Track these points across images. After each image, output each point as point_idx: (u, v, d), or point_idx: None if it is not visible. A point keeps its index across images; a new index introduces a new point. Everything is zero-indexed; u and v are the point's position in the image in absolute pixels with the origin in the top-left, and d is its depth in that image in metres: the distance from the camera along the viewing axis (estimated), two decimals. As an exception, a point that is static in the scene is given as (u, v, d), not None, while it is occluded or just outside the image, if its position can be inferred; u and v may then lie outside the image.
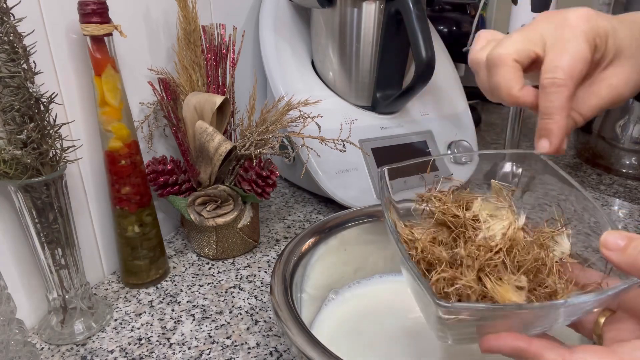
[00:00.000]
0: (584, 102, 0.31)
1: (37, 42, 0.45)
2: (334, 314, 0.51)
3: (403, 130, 0.77)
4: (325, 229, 0.52)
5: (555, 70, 0.29)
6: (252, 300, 0.57)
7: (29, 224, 0.47)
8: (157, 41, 0.63)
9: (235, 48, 0.64)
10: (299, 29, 0.80)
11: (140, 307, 0.56)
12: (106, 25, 0.49)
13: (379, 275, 0.56)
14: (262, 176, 0.62)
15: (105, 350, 0.50)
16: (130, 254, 0.58)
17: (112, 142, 0.53)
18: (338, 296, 0.53)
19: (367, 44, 0.72)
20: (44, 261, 0.48)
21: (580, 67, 0.29)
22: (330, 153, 0.67)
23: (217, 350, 0.50)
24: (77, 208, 0.55)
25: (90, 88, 0.53)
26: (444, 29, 0.96)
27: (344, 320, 0.50)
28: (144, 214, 0.57)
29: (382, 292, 0.53)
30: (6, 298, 0.42)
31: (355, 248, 0.55)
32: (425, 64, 0.66)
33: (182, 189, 0.63)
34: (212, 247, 0.64)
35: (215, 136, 0.58)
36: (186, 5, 0.59)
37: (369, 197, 0.71)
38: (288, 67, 0.76)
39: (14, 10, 0.42)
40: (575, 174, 0.92)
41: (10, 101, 0.42)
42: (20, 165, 0.44)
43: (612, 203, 0.81)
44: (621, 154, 0.90)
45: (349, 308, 0.52)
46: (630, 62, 0.30)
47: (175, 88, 0.62)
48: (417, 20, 0.65)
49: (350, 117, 0.74)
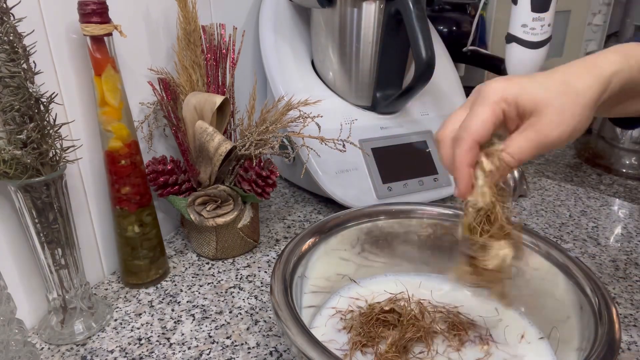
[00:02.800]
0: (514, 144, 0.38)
1: (37, 42, 0.45)
2: (334, 318, 0.51)
3: (403, 130, 0.77)
4: (325, 229, 0.52)
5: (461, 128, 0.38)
6: (252, 300, 0.57)
7: (29, 224, 0.47)
8: (157, 41, 0.63)
9: (235, 48, 0.64)
10: (299, 29, 0.80)
11: (140, 307, 0.56)
12: (106, 25, 0.49)
13: (379, 275, 0.56)
14: (262, 176, 0.62)
15: (105, 350, 0.50)
16: (130, 254, 0.58)
17: (112, 142, 0.53)
18: (338, 296, 0.53)
19: (367, 44, 0.72)
20: (44, 261, 0.48)
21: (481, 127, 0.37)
22: (330, 153, 0.67)
23: (217, 350, 0.50)
24: (77, 208, 0.55)
25: (90, 88, 0.53)
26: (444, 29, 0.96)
27: (344, 320, 0.50)
28: (144, 214, 0.57)
29: (382, 292, 0.53)
30: (6, 298, 0.42)
31: (355, 248, 0.55)
32: (425, 64, 0.66)
33: (182, 189, 0.63)
34: (212, 247, 0.64)
35: (215, 136, 0.58)
36: (186, 5, 0.59)
37: (369, 197, 0.71)
38: (288, 67, 0.76)
39: (14, 10, 0.42)
40: (575, 174, 0.92)
41: (10, 101, 0.42)
42: (20, 165, 0.44)
43: (612, 203, 0.81)
44: (621, 154, 0.90)
45: (349, 308, 0.52)
46: (549, 109, 0.37)
47: (175, 88, 0.62)
48: (417, 20, 0.65)
49: (350, 117, 0.74)
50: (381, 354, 0.45)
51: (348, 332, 0.48)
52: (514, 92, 0.38)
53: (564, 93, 0.37)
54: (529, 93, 0.37)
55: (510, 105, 0.38)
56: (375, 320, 0.48)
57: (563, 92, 0.37)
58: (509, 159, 0.38)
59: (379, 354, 0.45)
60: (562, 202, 0.80)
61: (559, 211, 0.78)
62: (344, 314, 0.51)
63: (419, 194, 0.74)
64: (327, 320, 0.50)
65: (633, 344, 0.51)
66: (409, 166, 0.75)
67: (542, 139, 0.37)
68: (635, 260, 0.65)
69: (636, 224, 0.74)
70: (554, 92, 0.37)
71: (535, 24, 0.69)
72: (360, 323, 0.48)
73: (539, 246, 0.49)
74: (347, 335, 0.48)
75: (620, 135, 0.89)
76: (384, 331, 0.47)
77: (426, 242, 0.56)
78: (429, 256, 0.56)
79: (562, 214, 0.77)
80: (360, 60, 0.74)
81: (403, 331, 0.47)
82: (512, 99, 0.37)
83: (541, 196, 0.83)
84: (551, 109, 0.37)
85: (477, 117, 0.38)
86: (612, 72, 0.38)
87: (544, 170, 0.93)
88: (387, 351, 0.45)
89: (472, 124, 0.38)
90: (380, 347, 0.46)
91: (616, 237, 0.71)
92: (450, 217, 0.55)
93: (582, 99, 0.37)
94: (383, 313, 0.49)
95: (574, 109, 0.37)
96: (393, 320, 0.48)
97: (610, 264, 0.64)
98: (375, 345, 0.46)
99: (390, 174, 0.73)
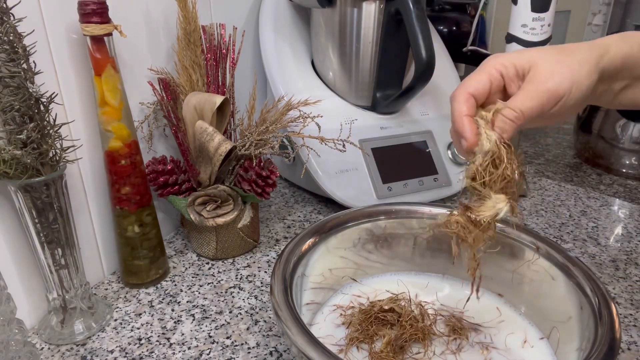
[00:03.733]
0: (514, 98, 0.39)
1: (37, 42, 0.45)
2: (333, 313, 0.51)
3: (403, 130, 0.77)
4: (325, 229, 0.52)
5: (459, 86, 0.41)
6: (252, 300, 0.57)
7: (29, 224, 0.47)
8: (157, 41, 0.63)
9: (235, 48, 0.64)
10: (299, 29, 0.80)
11: (140, 307, 0.56)
12: (106, 25, 0.49)
13: (379, 275, 0.56)
14: (262, 176, 0.62)
15: (105, 350, 0.50)
16: (130, 254, 0.58)
17: (112, 142, 0.53)
18: (338, 296, 0.53)
19: (367, 44, 0.72)
20: (44, 261, 0.48)
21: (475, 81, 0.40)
22: (330, 153, 0.67)
23: (217, 350, 0.50)
24: (77, 208, 0.55)
25: (90, 88, 0.53)
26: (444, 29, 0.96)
27: (343, 320, 0.50)
28: (144, 214, 0.57)
29: (382, 292, 0.53)
30: (6, 298, 0.42)
31: (355, 248, 0.55)
32: (425, 64, 0.66)
33: (182, 189, 0.63)
34: (212, 247, 0.64)
35: (215, 136, 0.58)
36: (186, 5, 0.59)
37: (369, 197, 0.71)
38: (288, 67, 0.76)
39: (14, 10, 0.42)
40: (575, 174, 0.92)
41: (10, 101, 0.42)
42: (20, 165, 0.44)
43: (612, 203, 0.81)
44: (621, 154, 0.90)
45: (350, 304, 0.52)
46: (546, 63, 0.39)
47: (175, 88, 0.62)
48: (417, 20, 0.65)
49: (350, 117, 0.74)
50: (375, 352, 0.45)
51: (347, 327, 0.48)
52: (511, 56, 0.40)
53: (559, 52, 0.39)
54: (526, 55, 0.40)
55: (507, 67, 0.40)
56: (374, 319, 0.48)
57: (558, 52, 0.40)
58: (511, 112, 0.38)
59: (373, 352, 0.45)
60: (562, 202, 0.80)
61: (559, 211, 0.78)
62: (344, 309, 0.51)
63: (419, 194, 0.74)
64: (327, 316, 0.50)
65: (633, 344, 0.51)
66: (409, 166, 0.75)
67: (540, 86, 0.38)
68: (635, 260, 0.65)
69: (636, 224, 0.74)
70: (549, 52, 0.40)
71: (535, 24, 0.69)
72: (359, 320, 0.48)
73: (539, 246, 0.49)
74: (345, 331, 0.48)
75: (620, 135, 0.89)
76: (382, 330, 0.48)
77: (426, 242, 0.56)
78: (429, 256, 0.56)
79: (562, 214, 0.77)
80: (360, 60, 0.74)
81: (401, 331, 0.47)
82: (509, 62, 0.40)
83: (541, 196, 0.83)
84: (547, 62, 0.39)
85: (473, 75, 0.41)
86: (608, 43, 0.40)
87: (544, 170, 0.93)
88: (382, 350, 0.45)
89: (467, 80, 0.41)
90: (377, 345, 0.46)
91: (616, 237, 0.71)
92: (450, 217, 0.55)
93: (578, 56, 0.39)
94: (382, 312, 0.49)
95: (571, 62, 0.38)
96: (392, 320, 0.48)
97: (610, 264, 0.64)
98: (371, 343, 0.46)
99: (390, 174, 0.73)
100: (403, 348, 0.46)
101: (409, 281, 0.55)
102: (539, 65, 0.39)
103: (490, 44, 1.06)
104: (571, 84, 0.38)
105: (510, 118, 0.39)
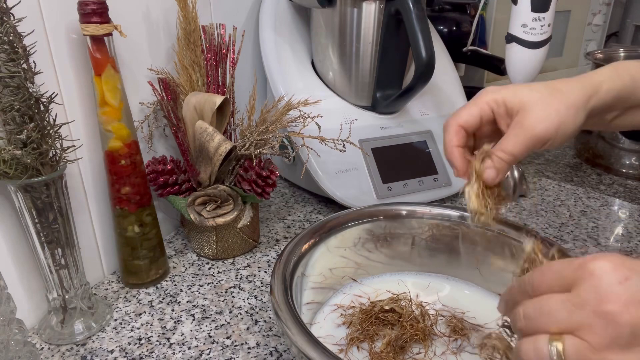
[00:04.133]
0: (504, 140, 0.41)
1: (37, 42, 0.45)
2: (334, 313, 0.51)
3: (403, 130, 0.77)
4: (325, 229, 0.52)
5: (450, 117, 0.44)
6: (252, 300, 0.57)
7: (29, 224, 0.47)
8: (157, 41, 0.63)
9: (235, 48, 0.64)
10: (299, 29, 0.80)
11: (140, 307, 0.56)
12: (106, 25, 0.49)
13: (379, 275, 0.56)
14: (262, 176, 0.62)
15: (105, 350, 0.50)
16: (130, 254, 0.58)
17: (112, 142, 0.53)
18: (338, 296, 0.53)
19: (367, 44, 0.72)
20: (44, 261, 0.48)
21: (466, 114, 0.43)
22: (330, 153, 0.67)
23: (217, 350, 0.50)
24: (77, 208, 0.55)
25: (90, 88, 0.53)
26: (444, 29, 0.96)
27: (344, 319, 0.50)
28: (144, 214, 0.57)
29: (382, 292, 0.53)
30: (6, 298, 0.42)
31: (355, 248, 0.55)
32: (425, 64, 0.66)
33: (182, 189, 0.63)
34: (212, 247, 0.64)
35: (215, 136, 0.58)
36: (186, 5, 0.59)
37: (369, 197, 0.71)
38: (288, 67, 0.76)
39: (14, 10, 0.42)
40: (575, 174, 0.92)
41: (10, 101, 0.42)
42: (20, 165, 0.44)
43: (612, 203, 0.81)
44: (621, 154, 0.90)
45: (351, 304, 0.52)
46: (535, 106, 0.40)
47: (175, 88, 0.62)
48: (417, 20, 0.65)
49: (350, 117, 0.74)
50: (376, 352, 0.45)
51: (347, 327, 0.48)
52: (504, 93, 0.42)
53: (549, 94, 0.41)
54: (517, 95, 0.41)
55: (499, 105, 0.42)
56: (375, 319, 0.48)
57: (549, 94, 0.41)
58: (501, 154, 0.41)
59: (373, 352, 0.45)
60: (562, 202, 0.80)
61: (559, 211, 0.78)
62: (345, 309, 0.51)
63: (419, 194, 0.74)
64: (327, 315, 0.50)
65: (633, 344, 0.51)
66: (409, 166, 0.75)
67: (528, 132, 0.40)
68: (635, 260, 0.65)
69: (636, 224, 0.74)
70: (540, 93, 0.41)
71: (535, 24, 0.69)
72: (360, 320, 0.48)
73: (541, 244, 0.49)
74: (345, 331, 0.48)
75: (620, 135, 0.89)
76: (383, 330, 0.48)
77: (426, 242, 0.56)
78: (429, 256, 0.56)
79: (562, 214, 0.77)
80: (360, 60, 0.74)
81: (401, 331, 0.47)
82: (502, 99, 0.42)
83: (541, 196, 0.83)
84: (536, 106, 0.40)
85: (466, 107, 0.43)
86: (600, 80, 0.42)
87: (544, 170, 0.93)
88: (382, 350, 0.45)
89: (460, 111, 0.43)
90: (377, 345, 0.46)
91: (616, 237, 0.71)
92: (450, 217, 0.55)
93: (567, 99, 0.40)
94: (383, 312, 0.49)
95: (559, 106, 0.40)
96: (393, 320, 0.48)
97: (610, 264, 0.64)
98: (372, 343, 0.46)
99: (390, 174, 0.73)
100: (403, 348, 0.46)
101: (410, 281, 0.55)
102: (528, 110, 0.40)
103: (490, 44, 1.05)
104: (557, 127, 0.40)
105: (503, 159, 0.41)
